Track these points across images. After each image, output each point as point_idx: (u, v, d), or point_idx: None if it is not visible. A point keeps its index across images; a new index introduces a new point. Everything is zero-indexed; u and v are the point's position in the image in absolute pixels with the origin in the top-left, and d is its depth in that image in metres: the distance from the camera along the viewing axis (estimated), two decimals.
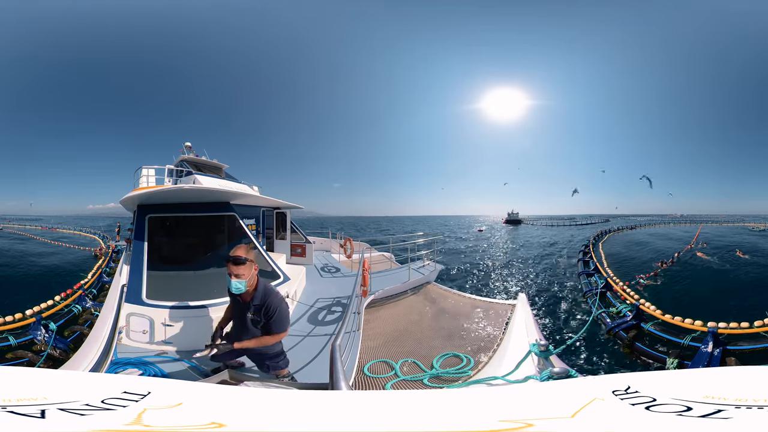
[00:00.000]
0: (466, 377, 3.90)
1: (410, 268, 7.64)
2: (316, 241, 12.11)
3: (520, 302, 5.55)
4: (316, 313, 5.96)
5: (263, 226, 8.64)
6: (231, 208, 6.08)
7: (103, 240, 23.44)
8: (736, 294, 11.49)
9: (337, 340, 2.80)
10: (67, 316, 8.48)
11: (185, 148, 9.05)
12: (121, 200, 5.92)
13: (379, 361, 4.27)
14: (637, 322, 8.65)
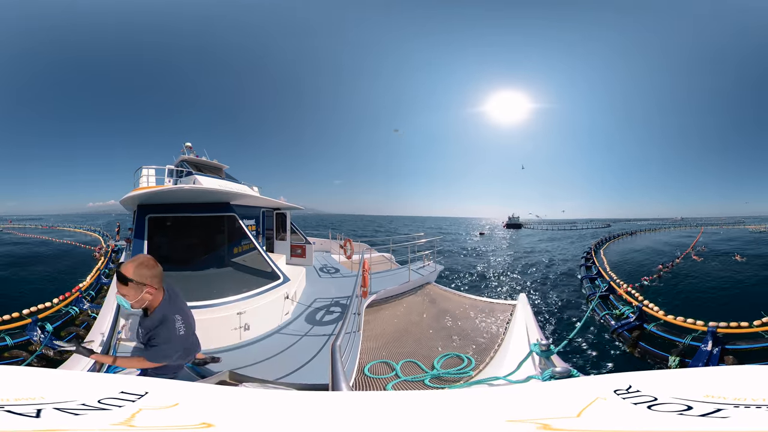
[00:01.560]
0: (467, 378, 3.87)
1: (410, 269, 7.62)
2: (316, 242, 12.10)
3: (520, 302, 5.52)
4: (313, 313, 5.94)
5: (263, 226, 8.63)
6: (231, 208, 6.07)
7: (103, 238, 23.44)
8: (737, 294, 11.55)
9: (338, 341, 2.78)
10: (64, 318, 8.49)
11: (185, 149, 9.05)
12: (121, 200, 5.91)
13: (380, 361, 4.25)
14: (640, 323, 8.75)
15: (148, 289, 2.15)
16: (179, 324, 2.26)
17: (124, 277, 2.10)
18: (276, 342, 4.85)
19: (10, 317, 7.70)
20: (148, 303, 2.22)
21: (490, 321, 5.52)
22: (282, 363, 4.22)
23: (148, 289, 2.15)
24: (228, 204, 6.10)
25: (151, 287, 2.16)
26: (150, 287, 2.16)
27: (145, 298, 2.17)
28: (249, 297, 5.08)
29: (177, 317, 2.26)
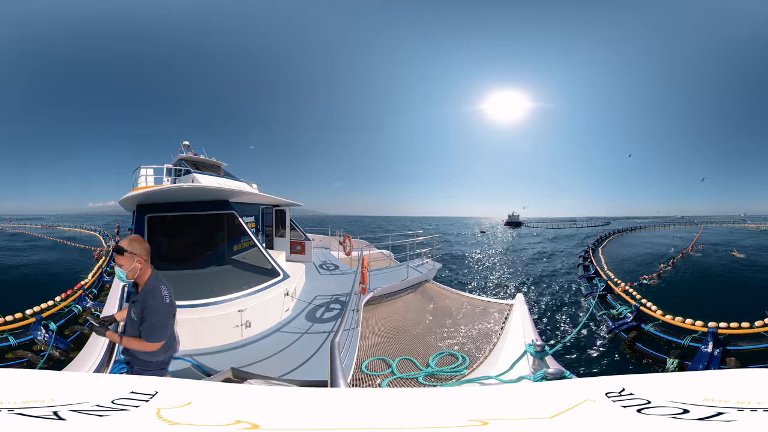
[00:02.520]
0: (460, 376, 3.90)
1: (409, 266, 7.65)
2: (316, 239, 12.14)
3: (517, 302, 5.57)
4: (314, 310, 5.99)
5: (263, 223, 8.67)
6: (230, 206, 6.09)
7: (103, 238, 23.46)
8: (737, 294, 11.47)
9: (336, 338, 2.82)
10: (68, 316, 8.46)
11: (183, 147, 9.06)
12: (121, 200, 5.92)
13: (377, 358, 4.30)
14: (637, 323, 8.59)
15: (138, 258, 2.50)
16: (165, 292, 2.55)
17: (120, 248, 2.51)
18: (277, 339, 4.90)
19: (13, 317, 7.61)
20: (139, 276, 2.56)
21: (486, 320, 5.56)
22: (284, 360, 4.27)
23: (138, 258, 2.50)
24: (227, 201, 6.12)
25: (140, 257, 2.51)
26: (140, 257, 2.51)
27: (137, 267, 2.52)
28: (250, 294, 5.13)
29: (162, 287, 2.56)
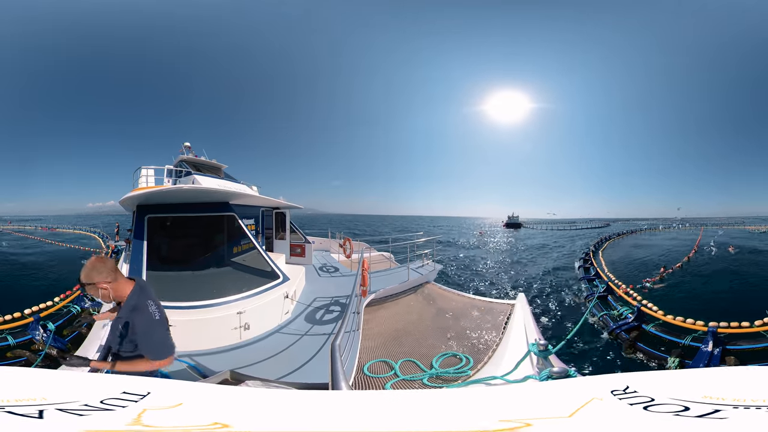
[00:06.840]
0: (465, 377, 3.89)
1: (409, 268, 7.63)
2: (316, 241, 12.11)
3: (519, 302, 5.54)
4: (313, 313, 5.96)
5: (262, 225, 8.64)
6: (230, 208, 6.08)
7: (102, 239, 23.41)
8: (737, 294, 11.53)
9: (337, 340, 2.80)
10: (66, 316, 8.48)
11: (184, 149, 9.06)
12: (121, 201, 5.91)
13: (379, 360, 4.27)
14: (638, 323, 8.68)
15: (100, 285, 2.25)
16: (153, 308, 2.32)
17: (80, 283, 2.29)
18: (276, 341, 4.87)
19: (12, 317, 7.71)
20: (114, 295, 2.31)
21: (488, 320, 5.53)
22: (283, 362, 4.24)
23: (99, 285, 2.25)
24: (227, 203, 6.11)
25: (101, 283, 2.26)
26: (101, 282, 2.25)
27: (106, 292, 2.28)
28: (249, 296, 5.10)
29: (149, 302, 2.32)
